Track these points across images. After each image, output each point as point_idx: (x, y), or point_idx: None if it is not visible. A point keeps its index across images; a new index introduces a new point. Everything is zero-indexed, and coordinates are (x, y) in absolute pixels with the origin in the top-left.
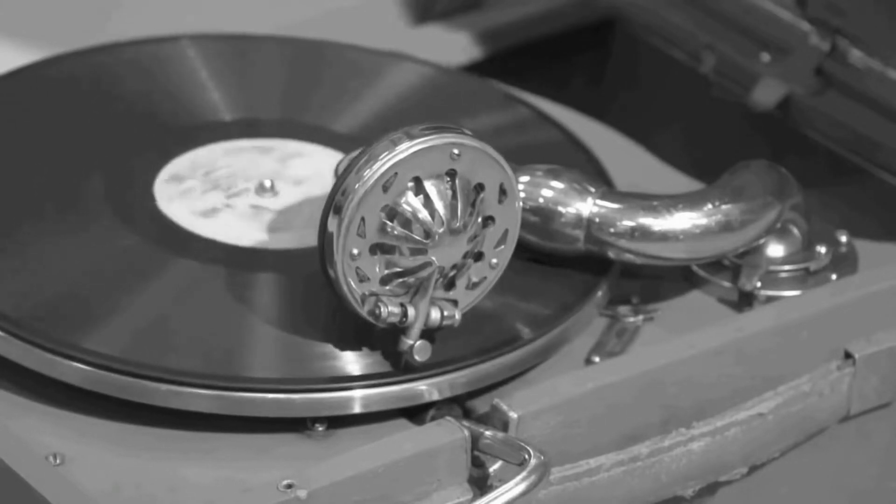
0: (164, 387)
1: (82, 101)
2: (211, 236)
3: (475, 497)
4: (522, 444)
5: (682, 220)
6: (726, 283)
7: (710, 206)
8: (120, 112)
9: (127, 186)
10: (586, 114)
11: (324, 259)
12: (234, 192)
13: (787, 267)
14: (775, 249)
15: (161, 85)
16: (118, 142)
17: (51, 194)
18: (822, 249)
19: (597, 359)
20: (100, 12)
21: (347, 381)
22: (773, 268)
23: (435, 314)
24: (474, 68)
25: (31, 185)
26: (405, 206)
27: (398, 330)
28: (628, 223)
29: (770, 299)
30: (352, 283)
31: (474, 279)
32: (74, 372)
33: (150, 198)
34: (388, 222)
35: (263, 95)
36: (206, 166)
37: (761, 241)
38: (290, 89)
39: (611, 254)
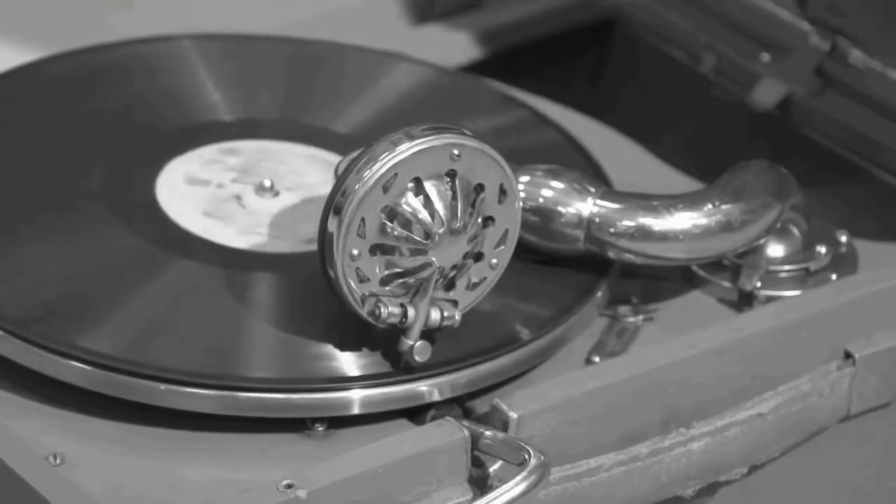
0: (164, 387)
1: (82, 100)
2: (211, 236)
3: (475, 497)
4: (522, 444)
5: (682, 220)
6: (726, 283)
7: (710, 206)
8: (119, 112)
9: (127, 186)
10: (586, 114)
11: (324, 260)
12: (234, 192)
13: (787, 267)
14: (775, 249)
15: (161, 85)
16: (118, 141)
17: (50, 194)
18: (822, 249)
19: (597, 359)
20: (100, 12)
21: (348, 381)
22: (773, 268)
23: (435, 315)
24: (474, 68)
25: (31, 184)
26: (405, 206)
27: (398, 330)
28: (628, 223)
29: (770, 299)
30: (352, 283)
31: (474, 279)
32: (74, 372)
33: (150, 198)
34: (388, 223)
35: (263, 96)
36: (205, 166)
37: (761, 241)
38: (289, 90)
39: (611, 254)
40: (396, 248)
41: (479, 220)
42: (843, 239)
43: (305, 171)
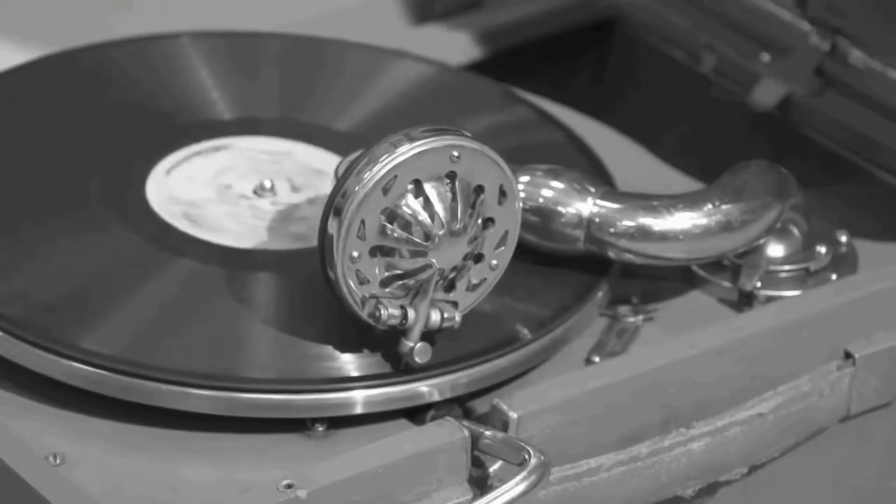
0: (164, 387)
1: (82, 98)
2: (211, 236)
3: (475, 497)
4: (522, 444)
5: (682, 220)
6: (726, 283)
7: (710, 206)
8: (119, 110)
9: (126, 185)
10: (586, 114)
11: (324, 261)
12: (234, 191)
13: (787, 267)
14: (775, 249)
15: (161, 83)
16: (117, 140)
17: (50, 193)
18: (822, 249)
19: (597, 359)
20: (100, 10)
21: (348, 381)
22: (773, 268)
23: (435, 316)
24: (474, 68)
25: (31, 183)
26: (405, 208)
27: (398, 332)
28: (628, 223)
29: (770, 299)
30: (352, 285)
31: (474, 281)
32: (74, 372)
33: (150, 197)
34: (388, 225)
35: (263, 94)
36: (205, 165)
37: (761, 241)
38: (289, 88)
39: (611, 254)
40: (396, 250)
41: (479, 221)
42: (843, 239)
43: (305, 170)
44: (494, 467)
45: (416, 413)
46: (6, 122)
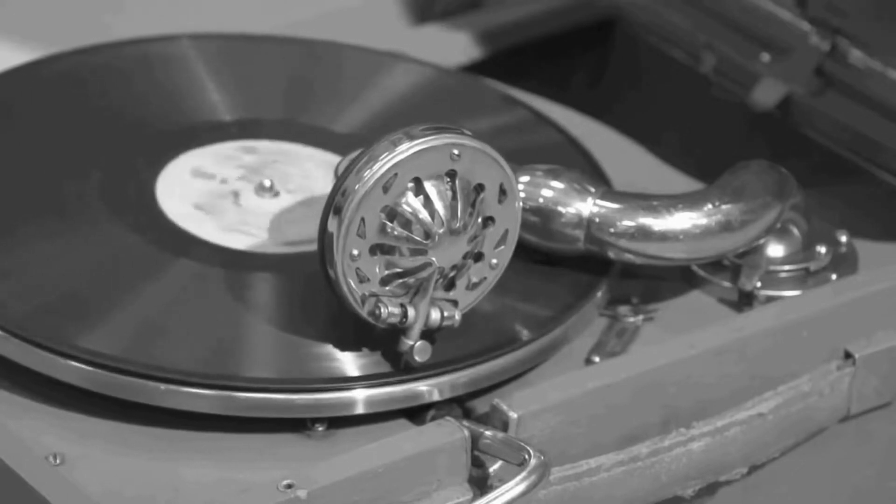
0: (164, 387)
1: (81, 100)
2: (211, 236)
3: (475, 497)
4: (522, 444)
5: (682, 220)
6: (726, 283)
7: (710, 206)
8: (119, 111)
9: (127, 186)
10: (586, 114)
11: (324, 260)
12: (234, 191)
13: (787, 267)
14: (775, 249)
15: (161, 85)
16: (118, 141)
17: (50, 194)
18: (822, 249)
19: (597, 359)
20: (100, 12)
21: (348, 381)
22: (773, 268)
23: (435, 315)
24: (474, 68)
25: (31, 184)
26: (405, 206)
27: (398, 330)
28: (628, 223)
29: (770, 299)
30: (352, 283)
31: (474, 279)
32: (74, 372)
33: (150, 197)
34: (388, 223)
35: (263, 95)
36: (205, 166)
37: (761, 241)
38: (289, 89)
39: (611, 254)
40: (396, 248)
41: (479, 220)
42: (843, 239)
43: (305, 170)
44: (494, 467)
45: (416, 413)
46: (7, 123)
